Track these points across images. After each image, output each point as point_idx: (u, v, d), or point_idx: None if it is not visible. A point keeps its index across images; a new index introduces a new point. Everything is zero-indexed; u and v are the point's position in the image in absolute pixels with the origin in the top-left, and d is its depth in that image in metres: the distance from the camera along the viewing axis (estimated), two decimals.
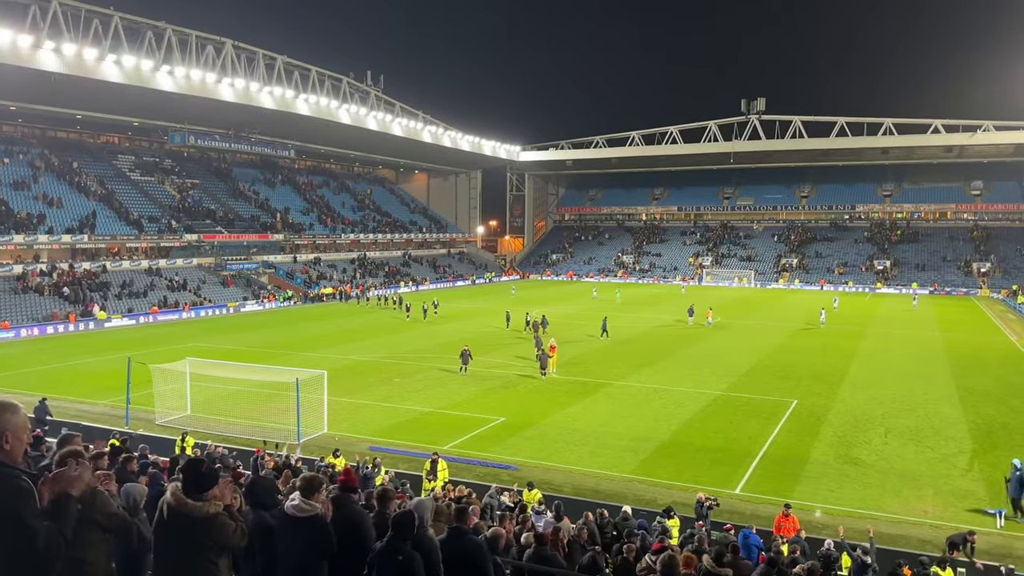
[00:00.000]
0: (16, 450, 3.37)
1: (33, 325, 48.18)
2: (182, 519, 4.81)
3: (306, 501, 5.86)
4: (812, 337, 47.59)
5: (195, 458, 5.25)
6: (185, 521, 4.78)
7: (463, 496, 16.37)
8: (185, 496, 4.83)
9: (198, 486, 4.93)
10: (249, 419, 25.93)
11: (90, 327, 50.41)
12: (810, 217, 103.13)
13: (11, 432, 3.34)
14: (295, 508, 5.83)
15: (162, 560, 4.96)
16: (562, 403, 29.44)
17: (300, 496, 5.89)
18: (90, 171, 67.73)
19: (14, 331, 46.66)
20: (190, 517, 4.79)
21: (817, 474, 21.76)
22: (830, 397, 30.94)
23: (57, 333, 48.39)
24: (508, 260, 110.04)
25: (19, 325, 47.49)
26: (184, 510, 4.80)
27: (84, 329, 49.96)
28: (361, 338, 45.66)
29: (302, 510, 5.80)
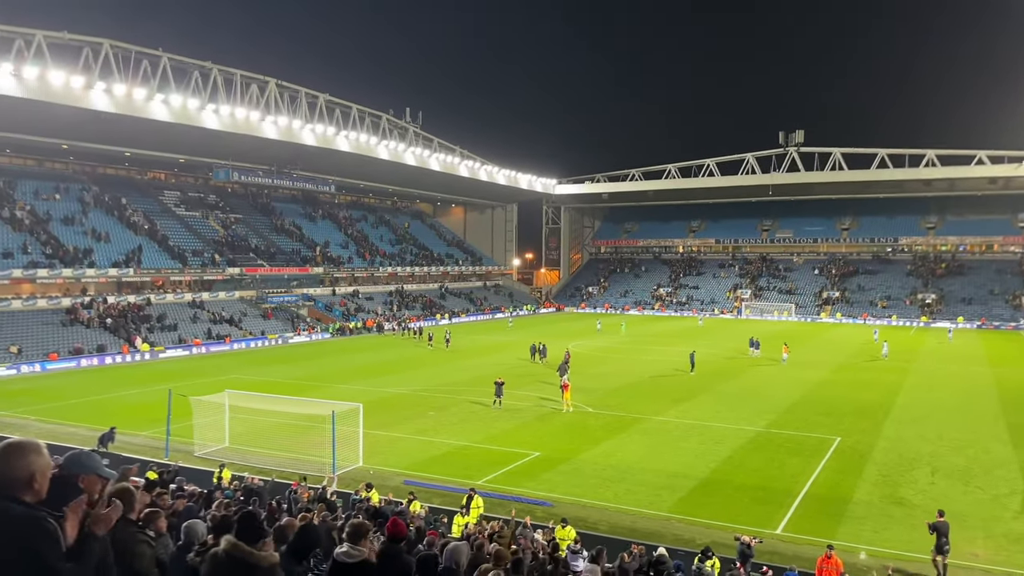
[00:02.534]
0: (42, 492, 3.41)
1: (79, 357, 49.29)
2: (240, 568, 4.85)
3: (355, 547, 6.01)
4: (855, 372, 46.56)
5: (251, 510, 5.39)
6: (242, 571, 4.82)
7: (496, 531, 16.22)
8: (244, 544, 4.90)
9: (255, 536, 5.02)
10: (286, 451, 26.10)
11: (134, 359, 51.41)
12: (852, 250, 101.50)
13: (39, 472, 3.39)
14: (344, 555, 5.97)
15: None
16: (597, 438, 29.11)
17: (348, 543, 6.04)
18: (137, 206, 69.63)
19: (61, 363, 47.78)
20: (248, 566, 4.83)
21: (861, 514, 21.13)
22: (874, 434, 30.13)
23: (102, 365, 49.43)
24: (544, 292, 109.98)
25: (68, 357, 48.60)
26: (244, 559, 4.85)
27: (128, 361, 50.96)
28: (396, 371, 45.84)
29: (351, 556, 5.95)
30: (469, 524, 17.29)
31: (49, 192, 63.44)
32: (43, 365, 46.95)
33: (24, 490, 3.31)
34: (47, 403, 35.74)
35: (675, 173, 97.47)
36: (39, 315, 53.01)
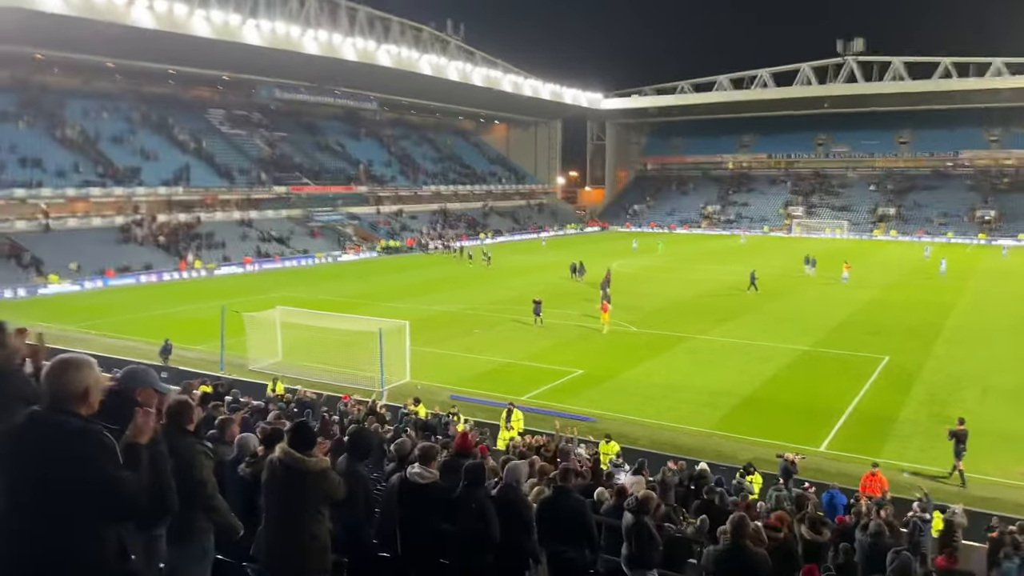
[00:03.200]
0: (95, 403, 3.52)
1: (136, 273, 50.79)
2: (294, 474, 5.22)
3: (427, 469, 6.66)
4: (907, 291, 45.59)
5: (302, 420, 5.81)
6: (296, 476, 5.20)
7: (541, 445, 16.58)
8: (297, 453, 5.26)
9: (307, 444, 5.34)
10: (336, 366, 26.77)
11: (186, 276, 52.80)
12: (909, 164, 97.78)
13: (91, 387, 3.49)
14: (417, 476, 6.61)
15: (274, 512, 5.38)
16: (640, 357, 29.23)
17: (420, 464, 6.68)
18: (183, 125, 70.15)
19: (119, 279, 49.35)
20: (301, 472, 5.19)
21: (907, 433, 21.04)
22: (924, 353, 29.68)
23: (159, 281, 50.89)
24: (588, 211, 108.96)
25: (123, 274, 50.13)
26: (297, 466, 5.21)
27: (182, 278, 52.36)
28: (441, 289, 46.30)
29: (424, 476, 6.60)
30: (515, 439, 17.68)
31: (97, 111, 64.16)
32: (105, 281, 48.56)
33: (79, 404, 3.43)
34: (107, 318, 37.08)
35: (726, 85, 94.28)
36: (94, 233, 54.49)
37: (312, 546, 5.26)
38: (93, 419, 3.45)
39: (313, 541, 5.25)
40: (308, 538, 5.23)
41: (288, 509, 5.29)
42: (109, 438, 3.38)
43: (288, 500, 5.29)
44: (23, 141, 55.93)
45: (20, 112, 58.34)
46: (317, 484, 5.24)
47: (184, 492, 4.21)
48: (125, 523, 3.43)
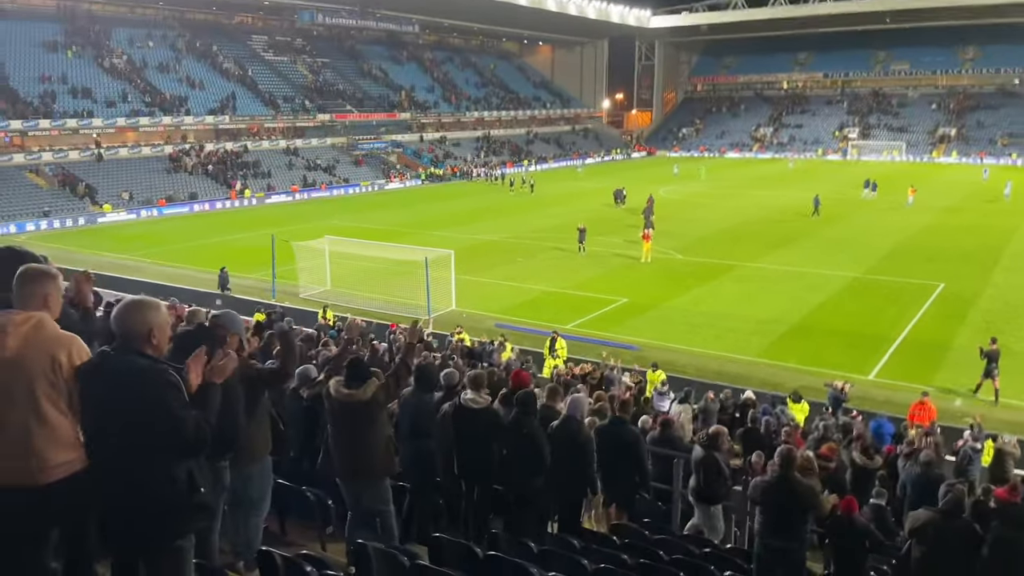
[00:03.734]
0: (162, 345, 3.64)
1: (186, 203, 51.72)
2: (349, 406, 6.12)
3: (479, 394, 7.17)
4: (966, 215, 44.06)
5: (355, 357, 6.35)
6: (351, 406, 6.11)
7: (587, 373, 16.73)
8: (348, 389, 6.10)
9: (359, 378, 6.11)
10: (383, 294, 27.18)
11: (236, 205, 53.56)
12: (973, 82, 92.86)
13: (157, 328, 3.60)
14: (471, 401, 7.12)
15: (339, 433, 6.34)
16: (686, 285, 28.98)
17: (471, 390, 7.20)
18: (227, 52, 69.98)
19: (171, 208, 50.35)
20: (354, 403, 6.09)
21: (960, 362, 20.60)
22: (982, 281, 28.86)
23: (206, 211, 51.78)
24: (635, 136, 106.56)
25: (172, 203, 51.09)
26: (348, 399, 6.09)
27: (232, 207, 53.16)
28: (484, 218, 46.20)
29: (476, 402, 7.11)
30: (558, 366, 17.86)
31: (142, 40, 64.30)
32: (158, 210, 49.61)
33: (144, 344, 3.56)
34: (160, 247, 37.98)
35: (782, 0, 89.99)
36: (144, 162, 55.39)
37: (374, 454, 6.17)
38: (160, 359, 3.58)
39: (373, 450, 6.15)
40: (368, 449, 6.15)
41: (350, 430, 6.17)
42: (174, 376, 3.50)
43: (348, 424, 6.16)
44: (73, 71, 56.52)
45: (68, 41, 58.78)
46: (370, 409, 6.10)
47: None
48: (191, 458, 3.57)
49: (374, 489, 6.30)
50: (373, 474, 6.25)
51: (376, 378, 6.14)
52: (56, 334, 3.61)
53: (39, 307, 3.67)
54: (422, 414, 7.16)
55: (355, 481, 6.32)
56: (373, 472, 6.24)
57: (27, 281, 3.69)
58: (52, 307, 3.74)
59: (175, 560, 3.65)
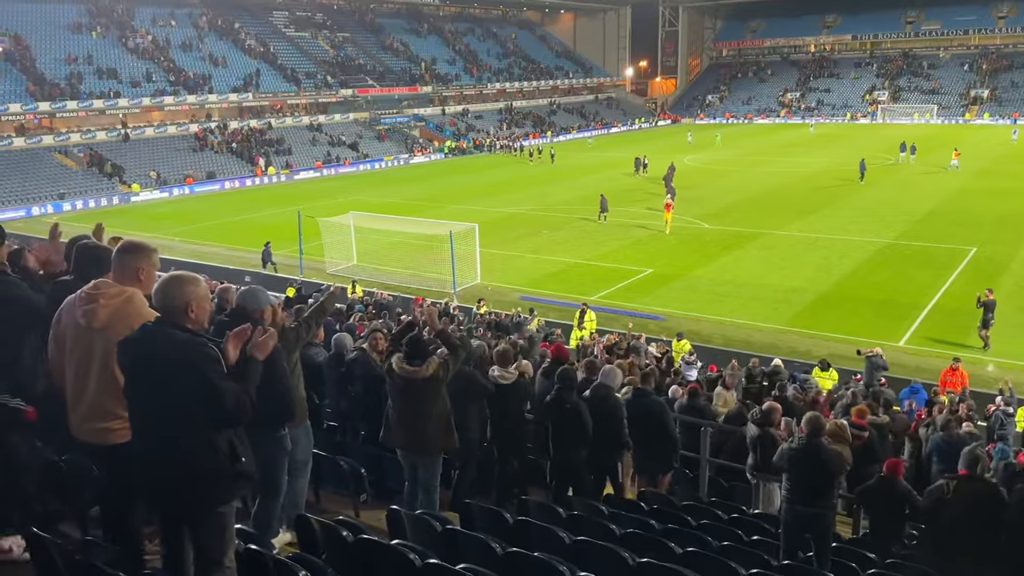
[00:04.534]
0: (201, 318, 3.75)
1: (213, 181, 52.18)
2: (410, 382, 6.33)
3: (506, 370, 7.48)
4: (999, 178, 43.12)
5: (417, 335, 6.50)
6: (412, 382, 6.33)
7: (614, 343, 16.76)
8: (410, 365, 6.31)
9: (419, 355, 6.33)
10: (409, 268, 27.37)
11: (262, 183, 53.95)
12: (1008, 41, 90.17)
13: (195, 302, 3.71)
14: (500, 377, 7.49)
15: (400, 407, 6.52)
16: (712, 255, 28.79)
17: (499, 366, 7.53)
18: (249, 29, 70.01)
19: (199, 186, 50.84)
20: (413, 380, 6.32)
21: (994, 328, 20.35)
22: (1015, 245, 28.35)
23: (238, 188, 52.19)
24: (659, 104, 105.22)
25: (199, 182, 51.58)
26: (412, 376, 6.31)
27: (258, 184, 53.54)
28: (508, 191, 46.07)
29: (506, 378, 7.48)
30: (584, 337, 17.91)
31: (165, 18, 64.50)
32: (188, 188, 50.11)
33: (183, 317, 3.68)
34: (188, 224, 38.44)
35: None
36: (170, 141, 55.87)
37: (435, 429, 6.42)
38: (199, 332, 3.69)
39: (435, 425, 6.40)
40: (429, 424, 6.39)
41: (412, 405, 6.41)
42: (213, 349, 3.61)
43: (410, 399, 6.40)
44: (98, 51, 56.96)
45: (92, 23, 59.19)
46: (432, 385, 6.34)
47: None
48: (230, 428, 3.69)
49: (430, 462, 6.59)
50: (432, 447, 6.53)
51: (437, 356, 6.38)
52: (143, 311, 3.82)
53: (132, 280, 3.89)
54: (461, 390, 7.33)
55: (414, 453, 6.60)
56: (433, 445, 6.51)
57: (124, 254, 3.94)
58: (145, 281, 4.02)
59: (217, 525, 3.78)
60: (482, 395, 7.35)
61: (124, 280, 3.88)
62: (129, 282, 3.89)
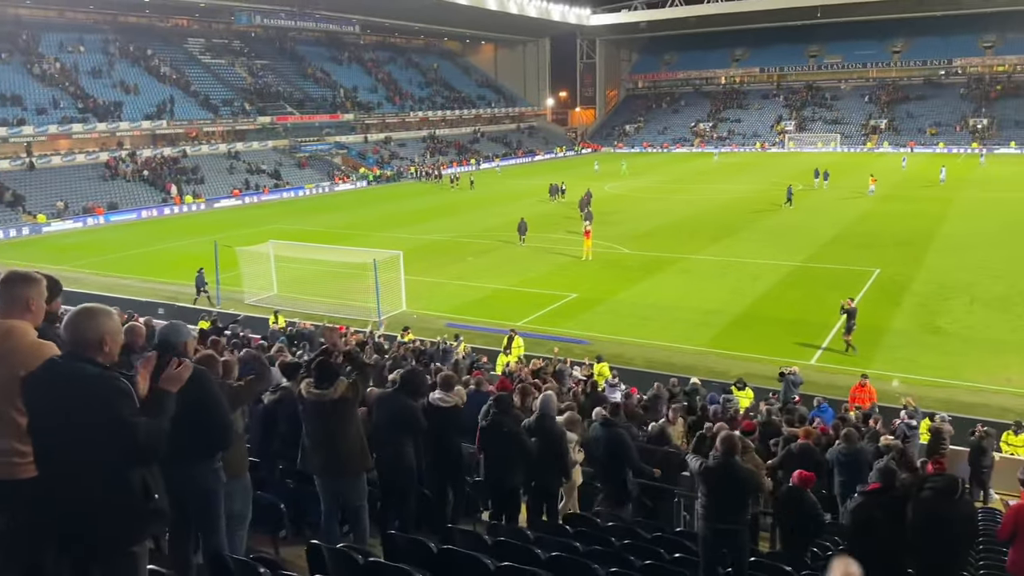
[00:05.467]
0: (114, 352, 3.63)
1: (125, 211, 50.34)
2: (320, 405, 6.30)
3: (447, 394, 7.50)
4: (898, 203, 45.59)
5: (323, 359, 6.44)
6: (322, 405, 6.31)
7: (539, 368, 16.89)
8: (318, 388, 6.29)
9: (328, 379, 6.29)
10: (332, 297, 26.95)
11: (176, 211, 52.39)
12: (902, 74, 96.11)
13: (108, 336, 3.59)
14: (440, 400, 7.50)
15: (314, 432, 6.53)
16: (634, 279, 29.42)
17: (441, 390, 7.54)
18: (163, 56, 68.29)
19: (109, 216, 48.96)
20: (324, 403, 6.28)
21: (897, 344, 21.45)
22: (915, 265, 29.96)
23: (146, 218, 50.51)
24: (579, 133, 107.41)
25: (110, 212, 49.71)
26: (320, 400, 6.29)
27: (171, 214, 51.96)
28: (432, 218, 46.10)
29: (445, 401, 7.48)
30: (510, 363, 17.99)
31: (73, 44, 62.31)
32: (96, 219, 48.15)
33: (95, 351, 3.54)
34: (98, 256, 36.93)
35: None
36: (79, 170, 53.73)
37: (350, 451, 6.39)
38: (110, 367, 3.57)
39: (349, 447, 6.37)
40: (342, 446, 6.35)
41: (324, 429, 6.38)
42: (125, 384, 3.50)
43: (323, 423, 6.37)
44: (1, 78, 54.56)
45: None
46: (341, 408, 6.31)
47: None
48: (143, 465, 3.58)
49: (351, 485, 6.51)
50: (350, 470, 6.47)
51: (345, 377, 6.34)
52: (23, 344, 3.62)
53: (23, 311, 3.70)
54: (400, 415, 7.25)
55: (333, 478, 6.51)
56: (349, 468, 6.46)
57: (10, 284, 3.72)
58: (35, 312, 3.79)
59: (130, 566, 3.65)
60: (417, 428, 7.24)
61: (12, 313, 3.68)
62: (19, 314, 3.68)
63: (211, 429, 4.67)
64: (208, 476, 4.97)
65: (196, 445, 4.68)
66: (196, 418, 4.37)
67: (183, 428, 4.46)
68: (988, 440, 13.45)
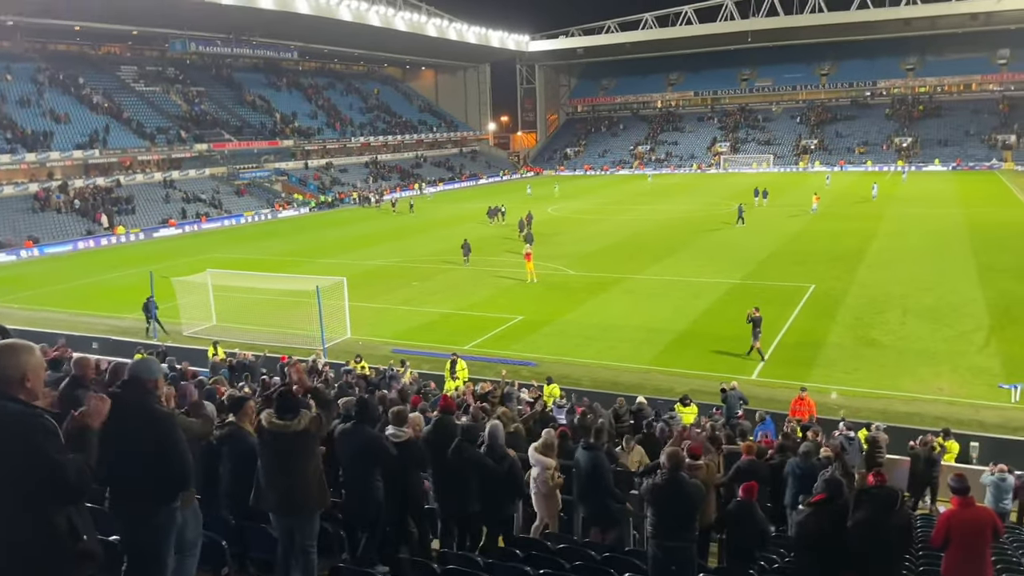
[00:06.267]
0: (36, 389, 3.50)
1: (55, 243, 48.68)
2: (282, 437, 6.02)
3: (400, 428, 7.32)
4: (831, 221, 47.09)
5: (286, 389, 6.24)
6: (283, 437, 6.02)
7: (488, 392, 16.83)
8: (280, 420, 6.02)
9: (289, 410, 6.03)
10: (274, 327, 26.45)
11: (110, 243, 50.90)
12: (830, 96, 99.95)
13: (31, 372, 3.46)
14: (394, 435, 7.28)
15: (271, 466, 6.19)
16: (579, 300, 29.67)
17: (394, 425, 7.36)
18: (95, 84, 66.67)
19: (37, 249, 47.24)
20: (285, 435, 6.00)
21: (834, 357, 22.02)
22: (848, 280, 30.90)
23: (79, 250, 48.92)
24: (521, 156, 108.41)
25: (40, 243, 48.01)
26: (282, 431, 6.01)
27: (104, 245, 50.47)
28: (376, 243, 45.81)
29: (398, 436, 7.30)
30: (458, 387, 17.90)
31: (0, 73, 60.44)
32: (18, 252, 46.41)
33: (18, 388, 3.41)
34: (29, 290, 35.58)
35: (652, 23, 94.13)
36: (7, 202, 51.84)
37: (309, 486, 6.09)
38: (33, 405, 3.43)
39: (308, 482, 6.08)
40: (302, 481, 6.06)
41: (284, 462, 6.07)
42: (50, 421, 3.37)
43: (283, 456, 6.07)
44: None
45: None
46: (302, 440, 6.04)
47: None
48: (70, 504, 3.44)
49: (306, 523, 6.22)
50: (307, 507, 6.18)
51: (309, 411, 6.10)
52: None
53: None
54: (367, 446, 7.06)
55: (289, 515, 6.21)
56: (307, 505, 6.16)
57: None
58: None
59: None
60: (386, 458, 7.07)
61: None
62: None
63: (173, 469, 4.52)
64: (162, 515, 4.77)
65: (159, 485, 4.55)
66: (159, 459, 4.27)
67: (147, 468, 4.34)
68: (939, 452, 13.93)
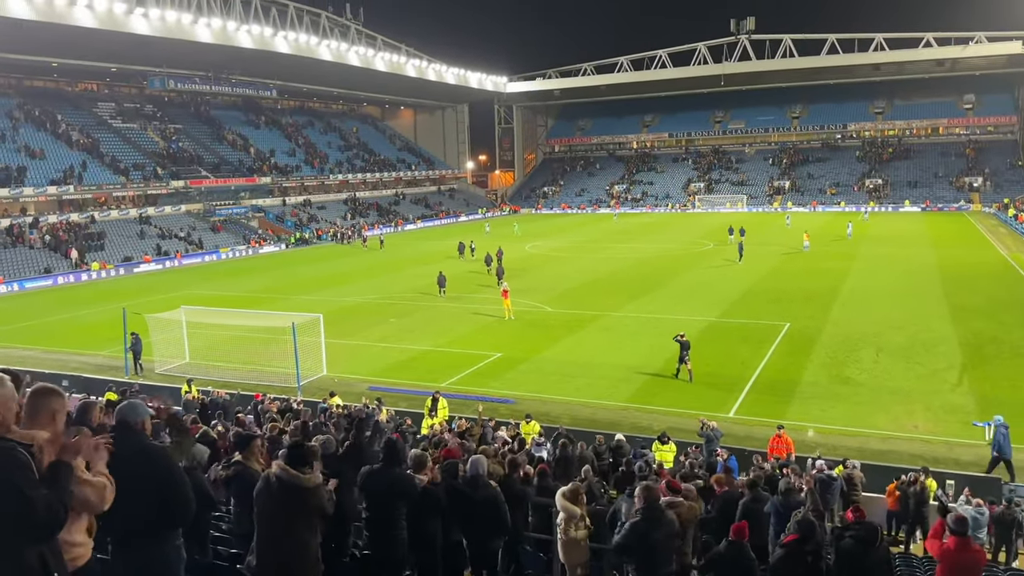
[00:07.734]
0: (8, 421, 3.42)
1: (28, 279, 47.98)
2: (290, 489, 5.36)
3: (419, 475, 7.07)
4: (805, 260, 47.78)
5: (299, 439, 6.01)
6: (293, 491, 5.36)
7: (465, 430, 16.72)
8: (294, 469, 5.38)
9: (304, 461, 5.48)
10: (249, 364, 26.17)
11: (84, 279, 50.26)
12: (802, 138, 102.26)
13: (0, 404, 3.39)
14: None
15: (267, 524, 5.47)
16: (557, 337, 29.70)
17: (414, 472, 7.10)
18: (71, 120, 66.47)
19: (8, 285, 46.50)
20: (297, 488, 5.35)
21: (809, 395, 22.16)
22: (822, 319, 31.22)
23: (52, 286, 48.25)
24: (499, 195, 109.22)
25: (13, 279, 47.29)
26: (294, 482, 5.35)
27: (77, 281, 49.83)
28: (352, 280, 45.70)
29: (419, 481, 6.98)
30: (435, 425, 17.76)
31: None
32: (8, 286, 45.63)
33: None
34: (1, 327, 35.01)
35: (627, 66, 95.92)
36: None
37: (308, 550, 5.40)
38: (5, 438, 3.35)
39: (306, 551, 5.39)
40: (301, 548, 5.36)
41: (283, 521, 5.39)
42: (22, 454, 3.29)
43: (284, 513, 5.39)
44: None
45: None
46: (312, 498, 5.42)
47: None
48: (42, 541, 3.34)
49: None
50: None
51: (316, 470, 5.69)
52: None
53: None
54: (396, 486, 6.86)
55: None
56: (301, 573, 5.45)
57: None
58: None
59: None
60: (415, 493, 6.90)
61: None
62: None
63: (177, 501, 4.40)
64: (170, 551, 4.60)
65: (163, 519, 4.43)
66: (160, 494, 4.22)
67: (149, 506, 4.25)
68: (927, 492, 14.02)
